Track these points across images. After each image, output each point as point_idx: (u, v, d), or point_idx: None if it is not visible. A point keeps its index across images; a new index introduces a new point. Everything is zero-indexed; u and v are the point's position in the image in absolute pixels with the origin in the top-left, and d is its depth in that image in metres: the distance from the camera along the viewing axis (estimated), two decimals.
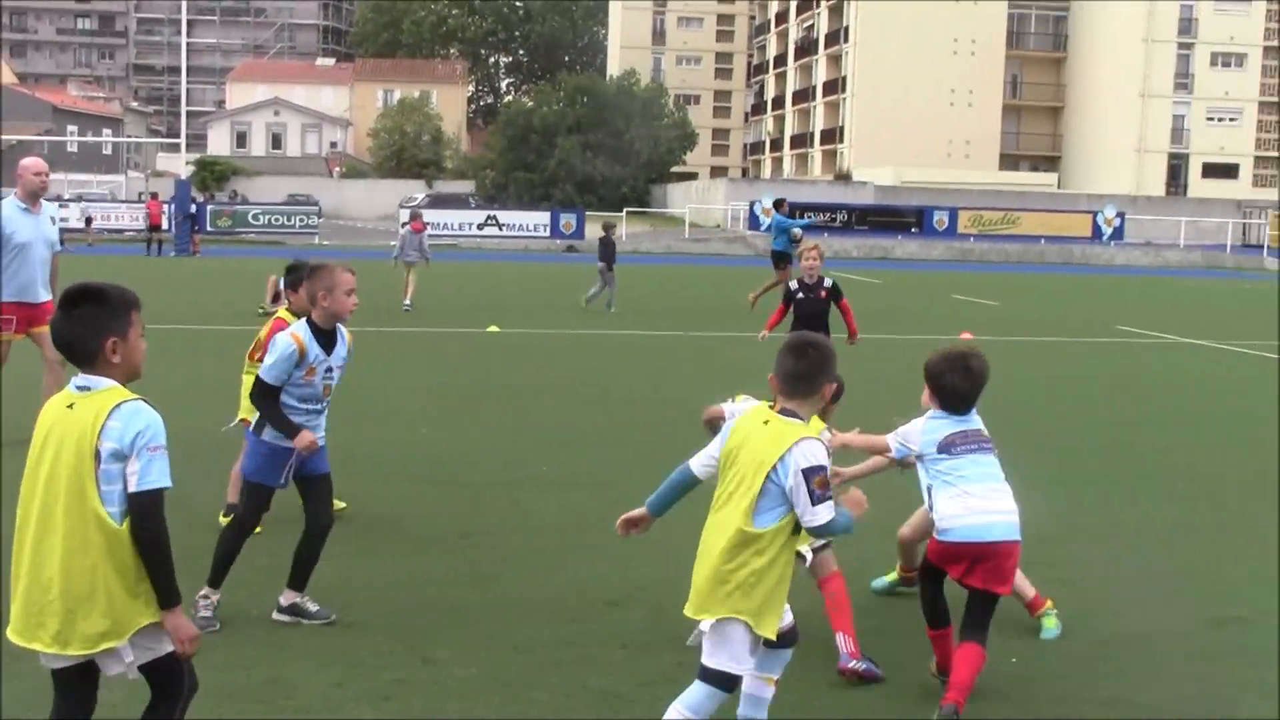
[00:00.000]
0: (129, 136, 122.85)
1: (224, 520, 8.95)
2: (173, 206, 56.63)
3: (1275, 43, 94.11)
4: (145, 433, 4.52)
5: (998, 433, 6.70)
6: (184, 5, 63.18)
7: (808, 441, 5.32)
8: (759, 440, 5.36)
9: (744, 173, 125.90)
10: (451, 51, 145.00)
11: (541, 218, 69.63)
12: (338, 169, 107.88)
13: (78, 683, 4.71)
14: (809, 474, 5.24)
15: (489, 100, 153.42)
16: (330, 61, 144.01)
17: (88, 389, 4.60)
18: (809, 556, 6.98)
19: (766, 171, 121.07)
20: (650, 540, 8.79)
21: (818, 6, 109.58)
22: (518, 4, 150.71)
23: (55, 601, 4.51)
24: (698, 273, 48.00)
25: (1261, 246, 71.85)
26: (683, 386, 17.22)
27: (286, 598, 7.53)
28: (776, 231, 30.37)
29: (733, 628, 5.35)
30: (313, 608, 7.51)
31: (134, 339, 4.71)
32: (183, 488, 5.31)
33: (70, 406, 4.59)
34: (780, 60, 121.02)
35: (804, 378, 5.49)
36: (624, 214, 73.56)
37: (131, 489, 4.50)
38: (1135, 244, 70.97)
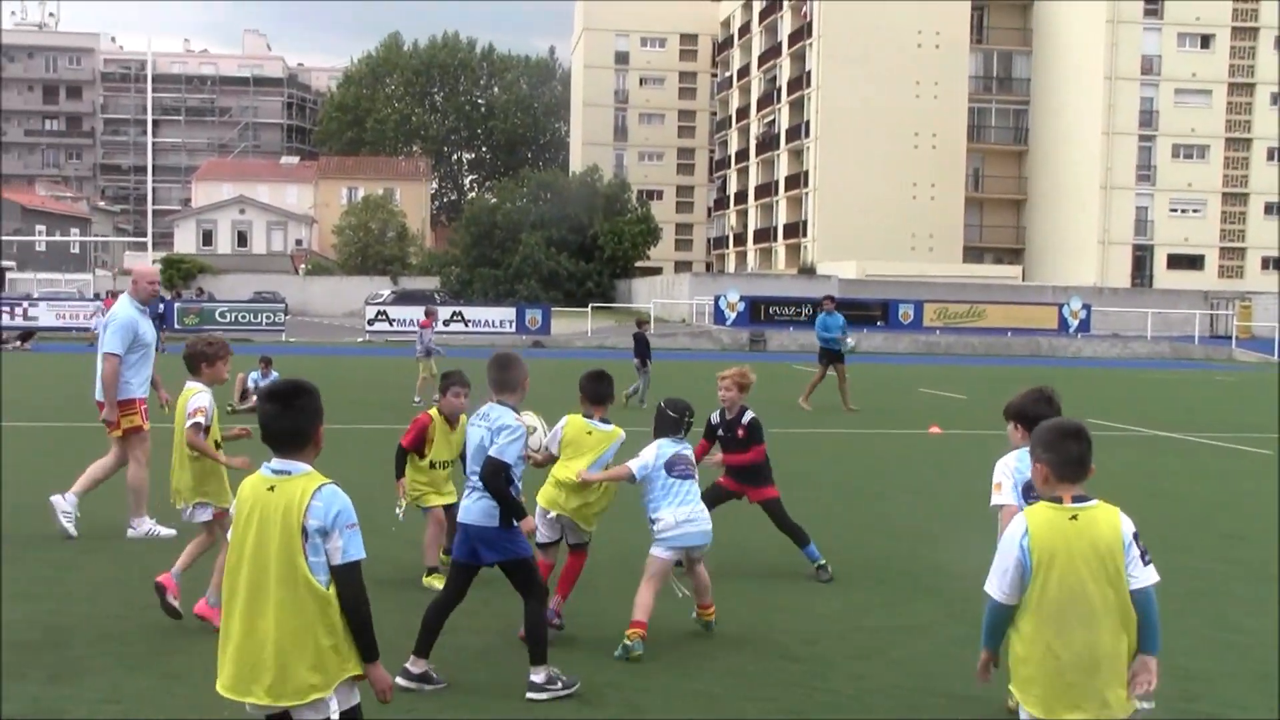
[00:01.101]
0: (96, 236, 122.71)
1: (429, 580, 10.49)
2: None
3: (1236, 134, 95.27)
4: (343, 513, 5.21)
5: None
6: (149, 105, 63.41)
7: (1122, 513, 5.51)
8: (1082, 534, 5.41)
9: (708, 267, 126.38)
10: (414, 149, 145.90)
11: (507, 313, 69.64)
12: (303, 266, 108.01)
13: None
14: (1136, 537, 5.47)
15: (452, 197, 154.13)
16: (294, 160, 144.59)
17: (287, 473, 5.27)
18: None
19: (731, 265, 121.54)
20: (619, 638, 8.79)
21: (778, 102, 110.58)
22: (480, 101, 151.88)
23: (270, 659, 5.15)
24: (663, 369, 47.97)
25: (1229, 337, 72.32)
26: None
27: (417, 665, 8.11)
28: (821, 329, 30.16)
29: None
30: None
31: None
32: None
33: (271, 489, 5.25)
34: (742, 155, 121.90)
35: (1085, 460, 5.53)
36: (589, 309, 73.65)
37: (335, 562, 5.18)
38: (1102, 336, 71.23)
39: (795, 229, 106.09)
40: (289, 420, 5.32)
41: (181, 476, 9.64)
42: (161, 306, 57.85)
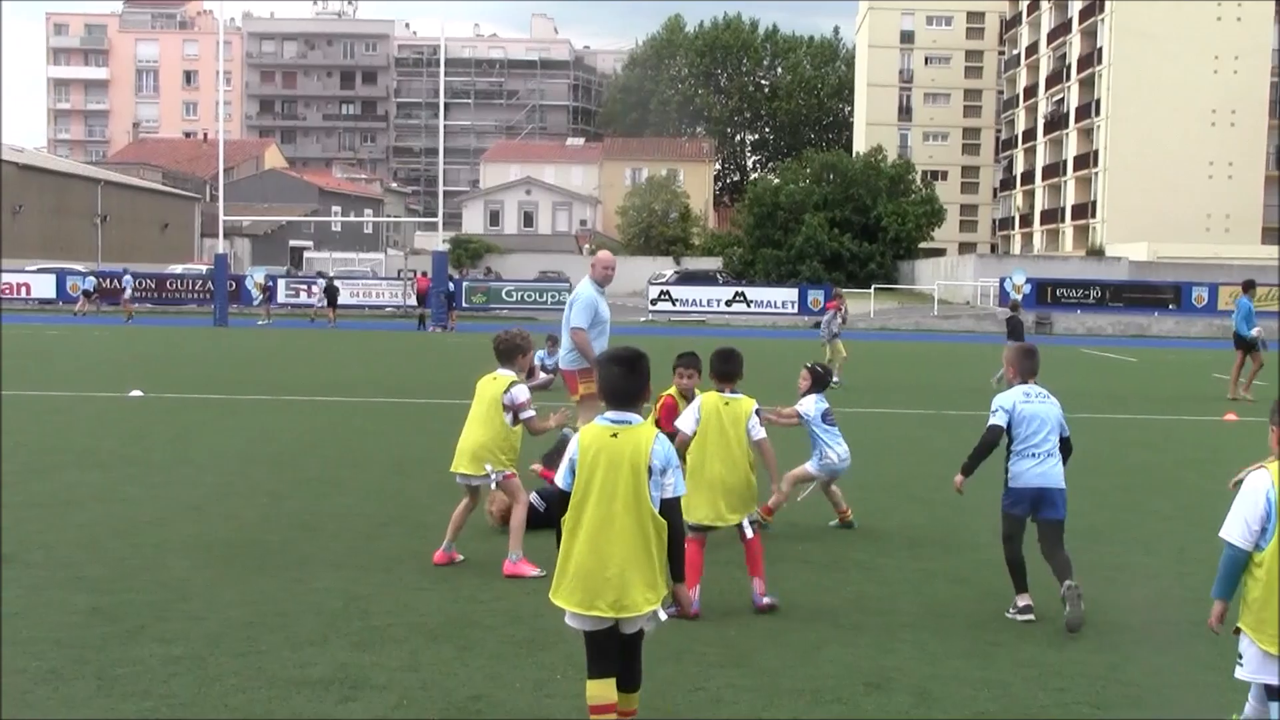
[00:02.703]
0: (389, 216, 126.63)
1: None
2: (431, 283, 58.32)
3: None
4: (673, 456, 6.31)
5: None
6: (441, 89, 64.99)
7: None
8: None
9: (993, 248, 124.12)
10: (698, 130, 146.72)
11: (789, 294, 69.65)
12: (587, 246, 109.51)
13: (604, 639, 6.24)
14: None
15: (735, 178, 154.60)
16: (580, 141, 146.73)
17: (627, 423, 6.28)
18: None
19: (1016, 247, 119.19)
20: (909, 623, 8.74)
21: (1068, 80, 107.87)
22: (764, 83, 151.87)
23: (614, 579, 6.11)
24: (946, 350, 47.29)
25: None
26: (908, 465, 16.84)
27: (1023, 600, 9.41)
28: (1240, 315, 29.32)
29: None
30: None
31: None
32: None
33: (614, 436, 6.23)
34: (1029, 135, 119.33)
35: None
36: (872, 290, 73.11)
37: (667, 496, 6.23)
38: None
39: (1084, 210, 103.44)
40: (634, 381, 6.33)
41: (491, 447, 10.63)
42: (452, 285, 59.46)
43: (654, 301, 68.02)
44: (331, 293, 59.15)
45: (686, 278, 79.54)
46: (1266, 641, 5.82)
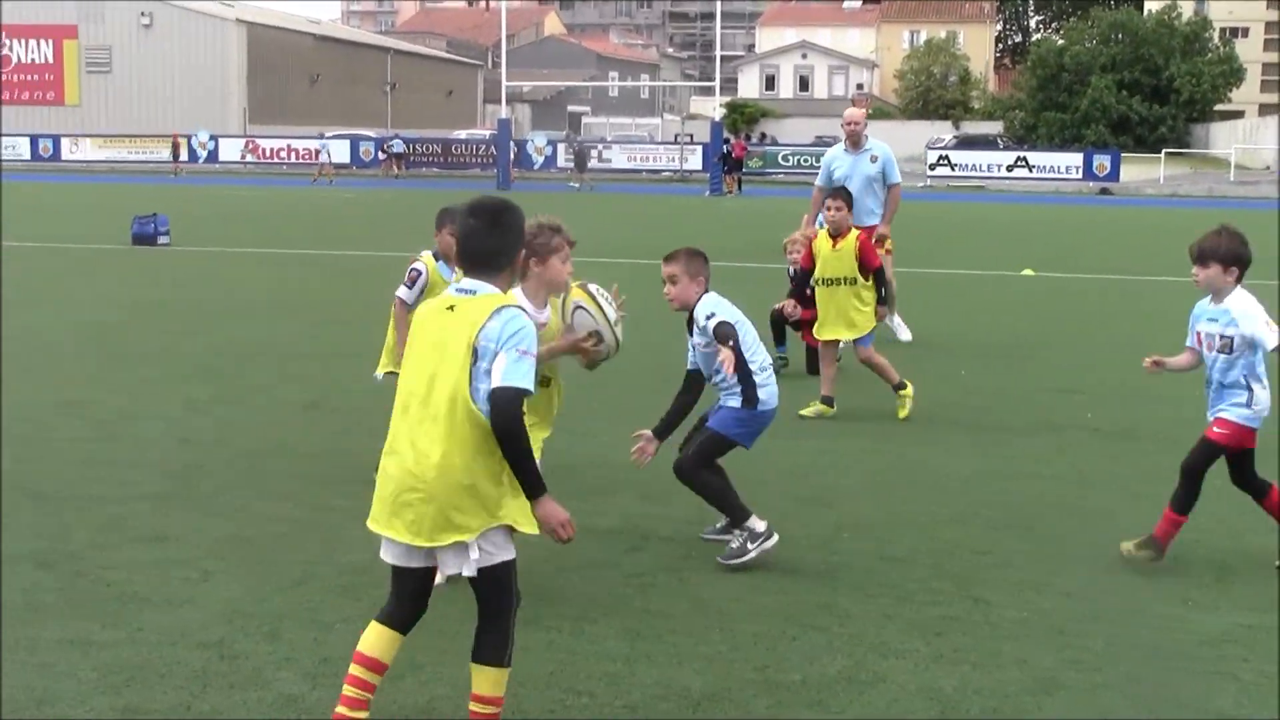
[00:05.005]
0: (665, 81, 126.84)
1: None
2: (706, 148, 58.47)
3: None
4: (518, 337, 4.57)
5: None
6: None
7: None
8: None
9: None
10: None
11: (1074, 159, 67.64)
12: (864, 110, 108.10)
13: (414, 585, 4.83)
14: None
15: (1017, 39, 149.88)
16: (857, 4, 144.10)
17: (472, 293, 4.72)
18: None
19: None
20: (1210, 491, 8.50)
21: None
22: None
23: (420, 493, 4.59)
24: (1243, 217, 45.40)
25: None
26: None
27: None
28: None
29: None
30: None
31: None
32: None
33: (451, 308, 4.73)
34: None
35: None
36: (1162, 155, 70.57)
37: (495, 384, 4.54)
38: None
39: None
40: (494, 239, 4.79)
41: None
42: (725, 148, 59.42)
43: (932, 167, 66.78)
44: (581, 156, 60.93)
45: (966, 142, 77.91)
46: None
